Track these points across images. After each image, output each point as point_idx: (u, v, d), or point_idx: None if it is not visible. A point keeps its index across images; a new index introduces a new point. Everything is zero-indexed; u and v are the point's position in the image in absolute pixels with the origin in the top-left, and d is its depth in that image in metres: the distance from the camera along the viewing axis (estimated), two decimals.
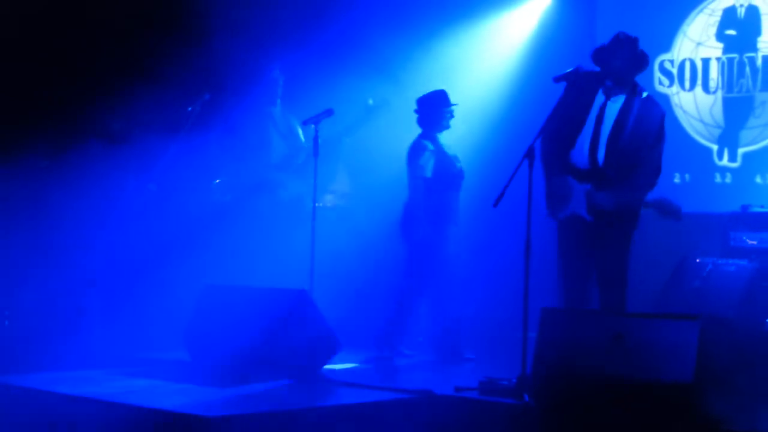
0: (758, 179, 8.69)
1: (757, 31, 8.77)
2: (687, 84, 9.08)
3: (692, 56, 9.06)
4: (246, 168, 8.28)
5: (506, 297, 6.76)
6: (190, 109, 8.07)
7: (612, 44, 6.27)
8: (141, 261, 7.80)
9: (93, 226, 7.93)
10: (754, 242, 7.31)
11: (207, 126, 8.21)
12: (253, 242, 7.92)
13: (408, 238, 7.47)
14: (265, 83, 8.42)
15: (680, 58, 9.11)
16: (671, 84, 9.15)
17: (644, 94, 6.31)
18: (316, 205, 7.76)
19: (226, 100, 8.37)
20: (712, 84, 8.95)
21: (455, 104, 7.62)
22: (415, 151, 7.52)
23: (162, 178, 7.95)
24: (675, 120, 9.09)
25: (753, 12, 8.80)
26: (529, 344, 5.63)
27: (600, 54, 6.30)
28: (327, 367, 6.60)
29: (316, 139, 7.58)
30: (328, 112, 7.65)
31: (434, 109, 7.57)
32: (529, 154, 5.84)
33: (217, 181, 8.61)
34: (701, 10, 9.03)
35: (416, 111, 7.64)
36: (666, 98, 9.12)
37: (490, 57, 9.56)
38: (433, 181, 7.45)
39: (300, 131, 8.34)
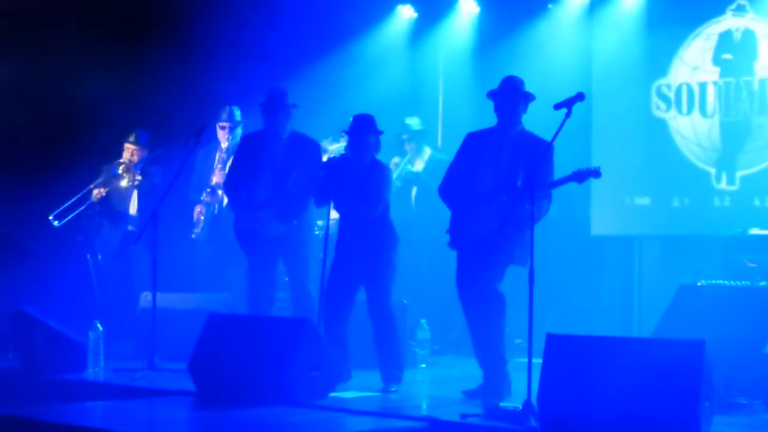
0: (757, 202, 8.74)
1: (753, 54, 8.83)
2: (684, 108, 9.14)
3: (689, 80, 9.12)
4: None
5: (510, 321, 6.81)
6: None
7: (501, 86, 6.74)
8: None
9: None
10: (755, 265, 7.33)
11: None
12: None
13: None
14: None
15: (677, 83, 9.17)
16: (668, 108, 9.20)
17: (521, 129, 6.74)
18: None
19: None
20: (710, 108, 9.01)
21: None
22: None
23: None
24: (673, 144, 9.15)
25: (749, 36, 8.87)
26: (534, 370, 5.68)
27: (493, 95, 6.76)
28: (332, 394, 6.62)
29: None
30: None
31: None
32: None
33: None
34: (697, 35, 9.10)
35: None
36: (663, 123, 9.19)
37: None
38: None
39: None
